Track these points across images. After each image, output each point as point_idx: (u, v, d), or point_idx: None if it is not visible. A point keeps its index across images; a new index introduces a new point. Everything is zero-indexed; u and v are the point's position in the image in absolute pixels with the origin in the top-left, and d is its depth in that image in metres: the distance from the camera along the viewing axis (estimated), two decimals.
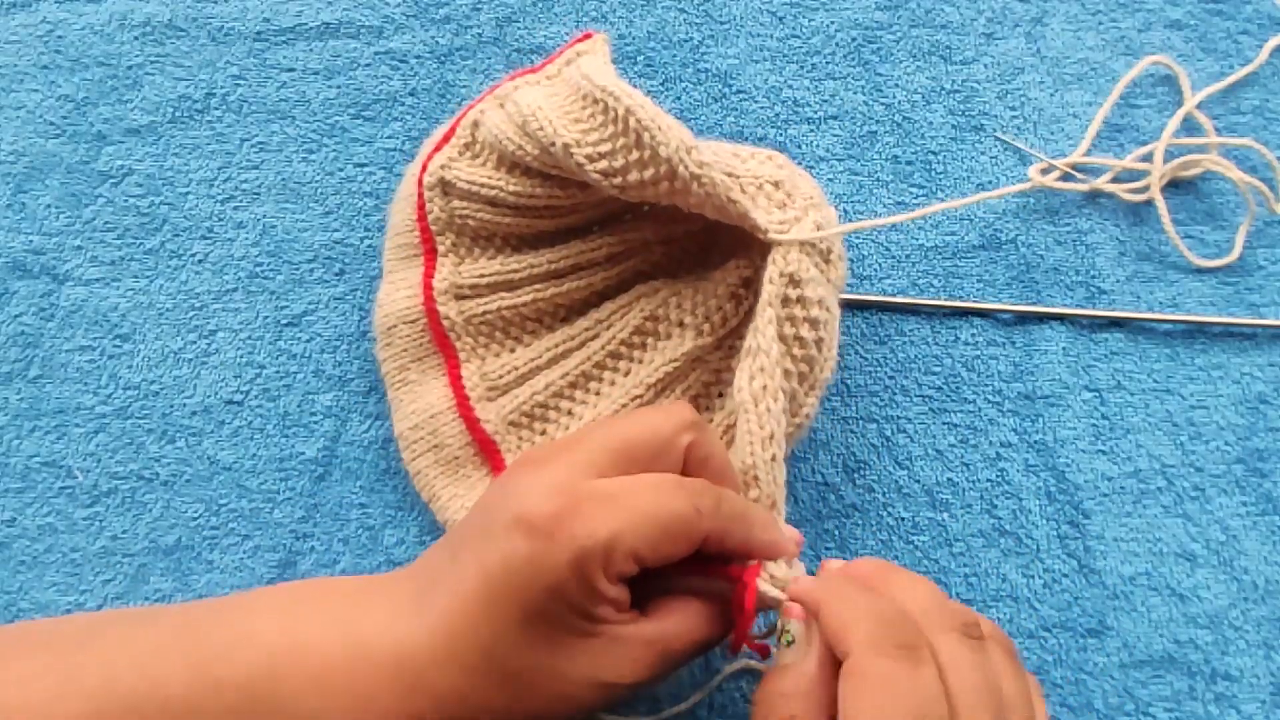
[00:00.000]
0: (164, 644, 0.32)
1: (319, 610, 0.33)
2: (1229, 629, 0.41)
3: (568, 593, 0.30)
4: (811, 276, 0.37)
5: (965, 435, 0.44)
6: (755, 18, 0.51)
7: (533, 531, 0.30)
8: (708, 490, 0.33)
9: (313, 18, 0.51)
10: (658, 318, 0.41)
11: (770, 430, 0.35)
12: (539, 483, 0.32)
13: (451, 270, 0.42)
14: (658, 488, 0.32)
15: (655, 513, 0.31)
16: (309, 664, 0.31)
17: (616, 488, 0.31)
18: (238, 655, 0.31)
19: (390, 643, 0.31)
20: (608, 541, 0.30)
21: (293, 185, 0.48)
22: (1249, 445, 0.44)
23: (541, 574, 0.30)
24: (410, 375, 0.43)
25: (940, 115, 0.50)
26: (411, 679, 0.31)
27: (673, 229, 0.44)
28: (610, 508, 0.31)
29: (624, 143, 0.37)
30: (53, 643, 0.32)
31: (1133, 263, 0.47)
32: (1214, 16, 0.51)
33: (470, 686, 0.31)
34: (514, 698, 0.31)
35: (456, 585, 0.31)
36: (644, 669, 0.32)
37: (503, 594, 0.30)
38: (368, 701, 0.31)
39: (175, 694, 0.30)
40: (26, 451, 0.44)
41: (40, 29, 0.51)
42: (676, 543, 0.32)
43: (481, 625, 0.30)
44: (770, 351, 0.35)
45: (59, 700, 0.30)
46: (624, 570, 0.31)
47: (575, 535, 0.30)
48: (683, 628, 0.33)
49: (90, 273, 0.46)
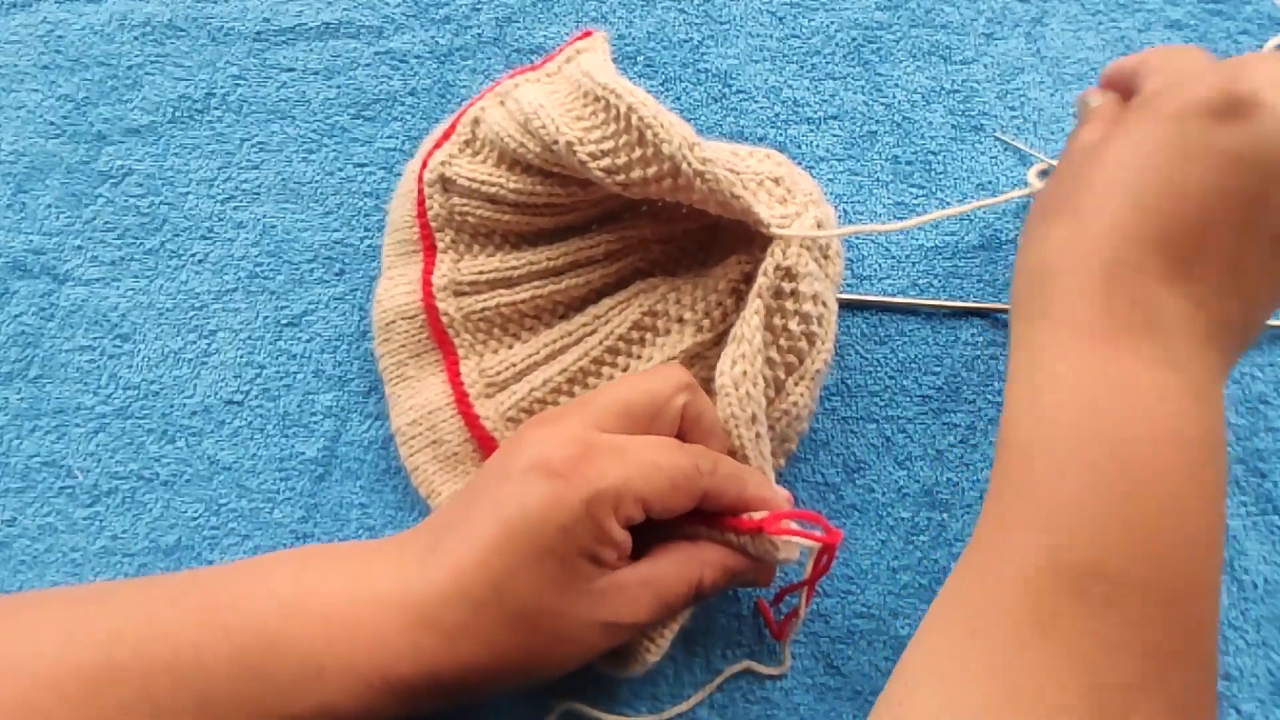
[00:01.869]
0: (174, 597, 0.32)
1: (329, 566, 0.34)
2: (1229, 629, 0.41)
3: (578, 532, 0.32)
4: (808, 271, 0.37)
5: (965, 435, 0.44)
6: (755, 18, 0.51)
7: (551, 474, 0.32)
8: (706, 453, 0.35)
9: (313, 18, 0.51)
10: (657, 313, 0.42)
11: (752, 412, 0.37)
12: (554, 434, 0.34)
13: (451, 267, 0.42)
14: (664, 445, 0.34)
15: (663, 464, 0.33)
16: (316, 609, 0.32)
17: (625, 441, 0.34)
18: (247, 605, 0.32)
19: (397, 586, 0.32)
20: (620, 485, 0.32)
21: (293, 185, 0.48)
22: (1249, 445, 0.44)
23: (557, 512, 0.31)
24: (409, 371, 0.43)
25: (940, 115, 0.50)
26: (418, 616, 0.31)
27: (672, 228, 0.44)
28: (622, 457, 0.33)
29: (626, 140, 0.37)
30: (63, 596, 0.33)
31: None
32: (1214, 16, 0.51)
33: (477, 623, 0.31)
34: (520, 638, 0.32)
35: (470, 530, 0.32)
36: (641, 609, 0.33)
37: (518, 534, 0.32)
38: (374, 640, 0.31)
39: (184, 640, 0.31)
40: (26, 451, 0.44)
41: (40, 29, 0.51)
42: (681, 496, 0.34)
43: (493, 561, 0.32)
44: (753, 340, 0.36)
45: (68, 648, 0.30)
46: (632, 515, 0.33)
47: (590, 478, 0.32)
48: (675, 569, 0.34)
49: (90, 273, 0.46)
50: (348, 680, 0.31)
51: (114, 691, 0.30)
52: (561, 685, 0.40)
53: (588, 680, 0.40)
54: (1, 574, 0.42)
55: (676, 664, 0.41)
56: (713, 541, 0.36)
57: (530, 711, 0.40)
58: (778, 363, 0.38)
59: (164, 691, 0.30)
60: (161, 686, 0.30)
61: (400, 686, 0.31)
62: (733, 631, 0.41)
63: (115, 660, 0.30)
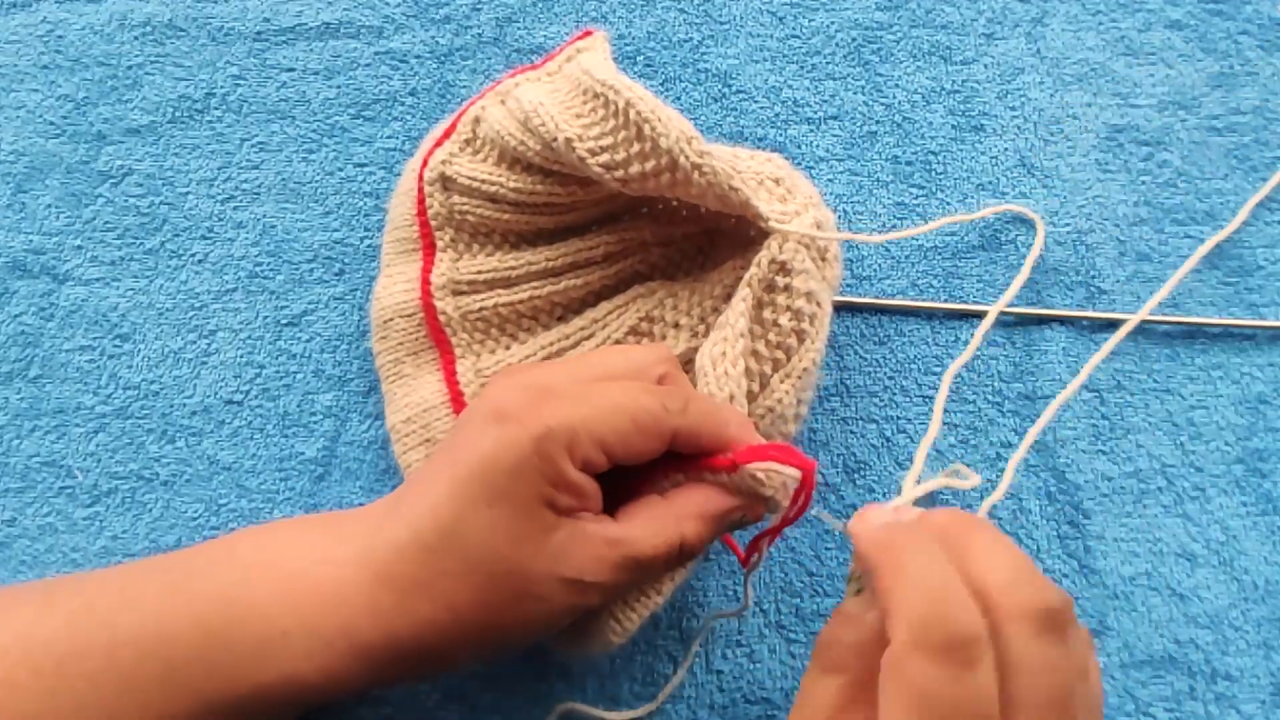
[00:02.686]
0: (145, 569, 0.33)
1: (296, 532, 0.33)
2: (1229, 629, 0.41)
3: (529, 474, 0.30)
4: (804, 269, 0.37)
5: (965, 435, 0.44)
6: (755, 18, 0.51)
7: (503, 417, 0.31)
8: (675, 393, 0.33)
9: (313, 18, 0.51)
10: (653, 319, 0.41)
11: (730, 392, 0.36)
12: (514, 381, 0.33)
13: (449, 266, 0.42)
14: (626, 387, 0.33)
15: (624, 404, 0.32)
16: (278, 573, 0.31)
17: (587, 386, 0.32)
18: (213, 571, 0.32)
19: (358, 549, 0.32)
20: (574, 424, 0.31)
21: (293, 185, 0.48)
22: (1249, 445, 0.44)
23: (506, 452, 0.30)
24: (405, 369, 0.43)
25: (940, 115, 0.50)
26: (374, 574, 0.31)
27: (671, 231, 0.44)
28: (580, 399, 0.31)
29: (625, 135, 0.37)
30: (42, 583, 0.33)
31: (1133, 263, 0.47)
32: (1214, 16, 0.51)
33: (431, 575, 0.31)
34: (476, 593, 0.31)
35: (426, 480, 0.32)
36: (608, 569, 0.32)
37: (466, 476, 0.31)
38: (334, 599, 0.31)
39: (149, 608, 0.31)
40: (26, 451, 0.44)
41: (40, 29, 0.51)
42: (646, 437, 0.32)
43: (443, 507, 0.31)
44: (736, 324, 0.36)
45: (39, 621, 0.30)
46: (590, 457, 0.31)
47: (542, 417, 0.31)
48: (648, 531, 0.32)
49: (90, 273, 0.46)
50: (311, 644, 0.30)
51: (81, 663, 0.30)
52: (562, 685, 0.40)
53: (588, 680, 0.40)
54: (1, 574, 0.42)
55: (677, 664, 0.41)
56: (693, 486, 0.34)
57: (530, 711, 0.40)
58: (765, 357, 0.38)
59: (129, 661, 0.30)
60: (127, 656, 0.30)
61: (362, 648, 0.31)
62: (732, 631, 0.41)
63: (84, 632, 0.30)
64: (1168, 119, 0.49)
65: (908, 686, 0.26)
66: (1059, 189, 0.48)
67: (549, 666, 0.40)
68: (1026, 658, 0.26)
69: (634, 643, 0.41)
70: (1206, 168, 0.48)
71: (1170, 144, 0.49)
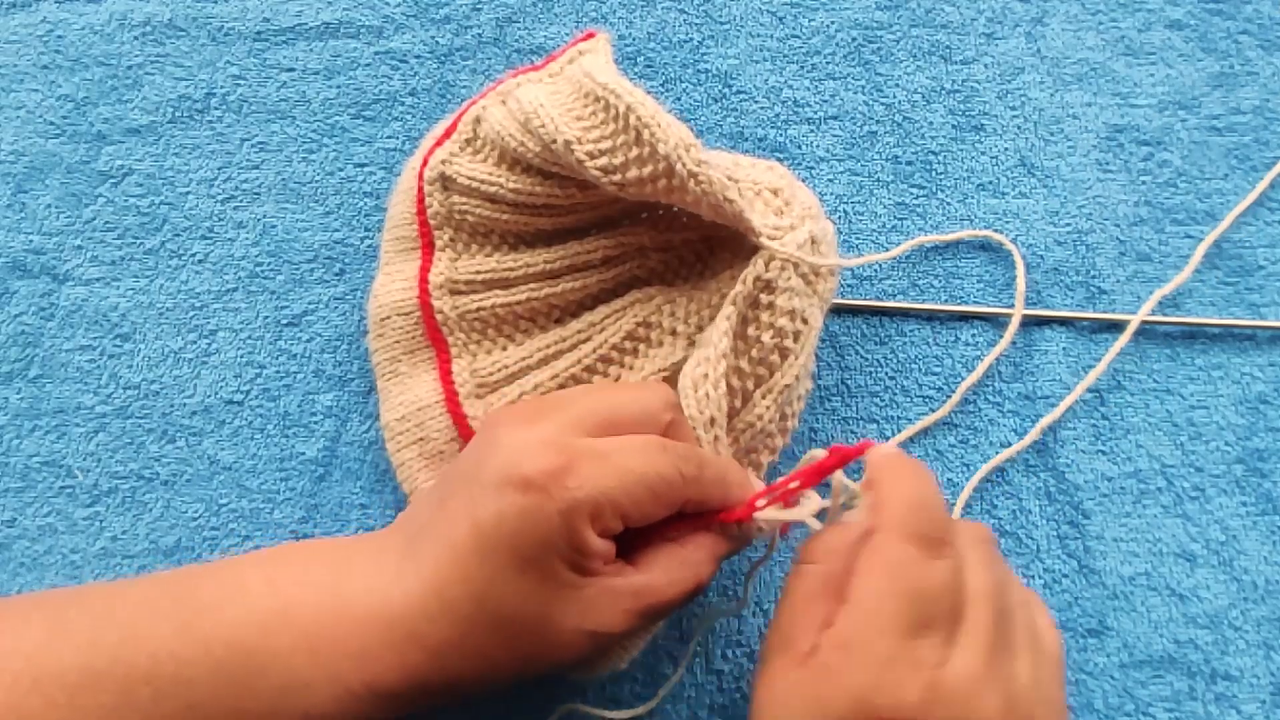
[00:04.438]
0: (151, 598, 0.32)
1: (304, 569, 0.33)
2: (1229, 629, 0.41)
3: (558, 544, 0.31)
4: (789, 286, 0.37)
5: (965, 435, 0.44)
6: (755, 18, 0.51)
7: (527, 486, 0.31)
8: (691, 456, 0.34)
9: (313, 18, 0.51)
10: (650, 324, 0.41)
11: (710, 415, 0.36)
12: (532, 439, 0.32)
13: (448, 265, 0.42)
14: (646, 450, 0.33)
15: (644, 474, 0.32)
16: (297, 624, 0.31)
17: (606, 447, 0.33)
18: (225, 613, 0.31)
19: (379, 600, 0.32)
20: (598, 496, 0.31)
21: (293, 185, 0.48)
22: (1249, 445, 0.44)
23: (535, 526, 0.31)
24: (401, 367, 0.43)
25: (940, 115, 0.50)
26: (403, 634, 0.31)
27: (671, 236, 0.43)
28: (602, 466, 0.32)
29: (624, 140, 0.37)
30: (44, 601, 0.33)
31: (1133, 263, 0.47)
32: (1214, 16, 0.51)
33: (462, 636, 0.31)
34: (506, 645, 0.32)
35: (446, 535, 0.32)
36: (633, 618, 0.33)
37: (495, 545, 0.31)
38: (359, 655, 0.31)
39: (162, 649, 0.30)
40: (26, 451, 0.44)
41: (40, 29, 0.51)
42: (660, 504, 0.33)
43: (475, 575, 0.31)
44: (719, 344, 0.37)
45: (47, 651, 0.30)
46: (610, 527, 0.32)
47: (568, 489, 0.31)
48: (668, 577, 0.34)
49: (90, 273, 0.46)
50: (335, 691, 0.31)
51: (95, 697, 0.30)
52: (562, 686, 0.40)
53: (589, 681, 0.40)
54: (1, 575, 0.42)
55: (677, 664, 0.41)
56: (704, 533, 0.35)
57: (530, 711, 0.40)
58: (747, 373, 0.38)
59: (146, 699, 0.30)
60: (144, 694, 0.30)
61: (387, 695, 0.31)
62: (733, 631, 0.41)
63: (94, 666, 0.30)
64: (1168, 119, 0.49)
65: (884, 561, 0.30)
66: (1059, 189, 0.48)
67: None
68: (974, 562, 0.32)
69: None
70: (1206, 168, 0.48)
71: (1170, 144, 0.49)
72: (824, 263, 0.39)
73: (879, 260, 0.46)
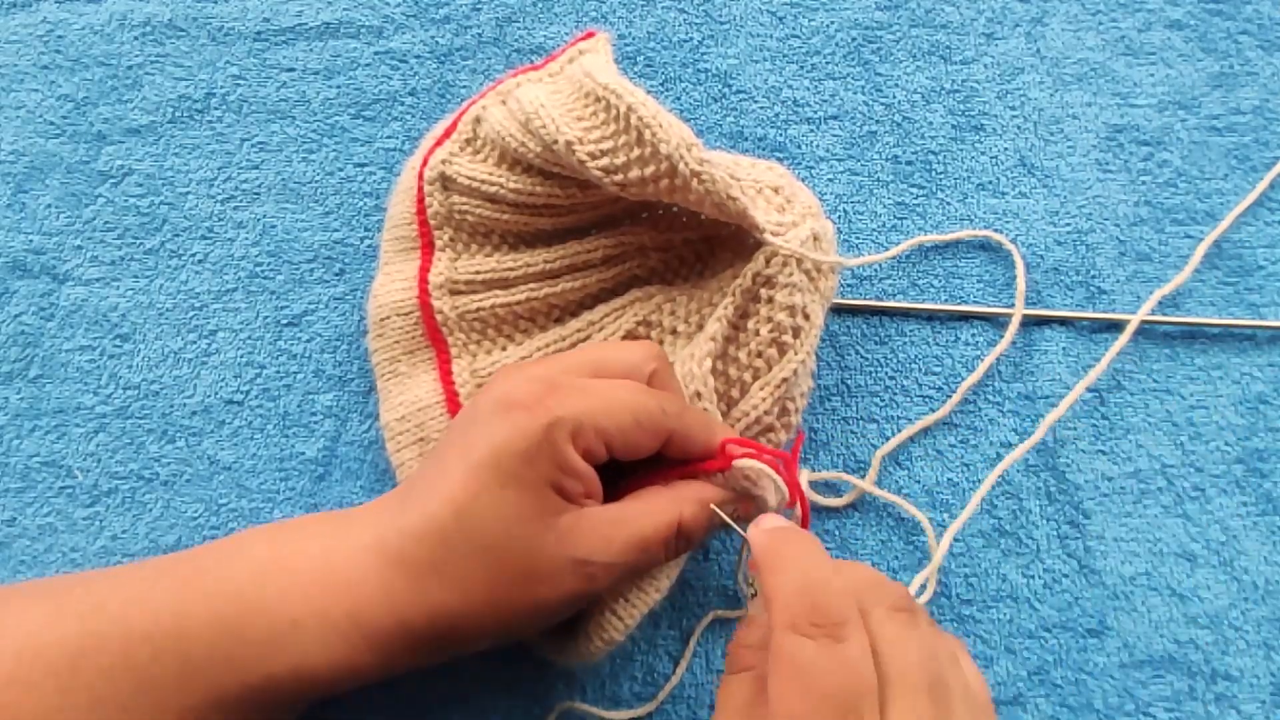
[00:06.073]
0: (155, 568, 0.33)
1: (307, 529, 0.34)
2: (1229, 629, 0.41)
3: (539, 459, 0.32)
4: (789, 282, 0.38)
5: (965, 435, 0.44)
6: (755, 18, 0.51)
7: (512, 406, 0.33)
8: (672, 398, 0.35)
9: (313, 18, 0.51)
10: (650, 324, 0.41)
11: (695, 389, 0.38)
12: (521, 374, 0.34)
13: (448, 265, 0.42)
14: (629, 385, 0.35)
15: (627, 401, 0.34)
16: (289, 566, 0.32)
17: (591, 381, 0.34)
18: (224, 570, 0.32)
19: (370, 536, 0.33)
20: (580, 414, 0.32)
21: (293, 185, 0.48)
22: (1249, 445, 0.44)
23: (517, 438, 0.32)
24: (400, 367, 0.43)
25: (940, 115, 0.50)
26: (389, 556, 0.32)
27: (671, 236, 0.43)
28: (586, 392, 0.33)
29: (625, 140, 0.37)
30: (49, 583, 0.34)
31: (1133, 263, 0.47)
32: (1214, 16, 0.51)
33: (444, 558, 0.32)
34: (487, 574, 0.32)
35: (441, 473, 0.33)
36: (615, 547, 0.33)
37: (479, 461, 0.32)
38: (346, 585, 0.32)
39: (163, 606, 0.31)
40: (26, 451, 0.44)
41: (40, 29, 0.51)
42: (644, 433, 0.34)
43: (459, 491, 0.32)
44: (709, 329, 0.38)
45: (53, 622, 0.31)
46: (592, 447, 0.33)
47: (550, 407, 0.32)
48: (649, 508, 0.34)
49: (90, 273, 0.46)
50: (321, 631, 0.31)
51: (95, 660, 0.30)
52: (561, 685, 0.40)
53: (588, 680, 0.40)
54: (1, 574, 0.42)
55: (677, 664, 0.41)
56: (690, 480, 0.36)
57: (530, 711, 0.40)
58: (745, 365, 0.38)
59: (145, 658, 0.30)
60: (142, 653, 0.30)
61: (372, 634, 0.31)
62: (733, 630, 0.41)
63: (97, 630, 0.30)
64: (1168, 119, 0.49)
65: (786, 662, 0.28)
66: (1059, 189, 0.48)
67: (549, 667, 0.40)
68: (894, 634, 0.29)
69: (634, 642, 0.41)
70: (1206, 168, 0.48)
71: (1170, 144, 0.49)
72: (826, 259, 0.39)
73: (879, 260, 0.46)
